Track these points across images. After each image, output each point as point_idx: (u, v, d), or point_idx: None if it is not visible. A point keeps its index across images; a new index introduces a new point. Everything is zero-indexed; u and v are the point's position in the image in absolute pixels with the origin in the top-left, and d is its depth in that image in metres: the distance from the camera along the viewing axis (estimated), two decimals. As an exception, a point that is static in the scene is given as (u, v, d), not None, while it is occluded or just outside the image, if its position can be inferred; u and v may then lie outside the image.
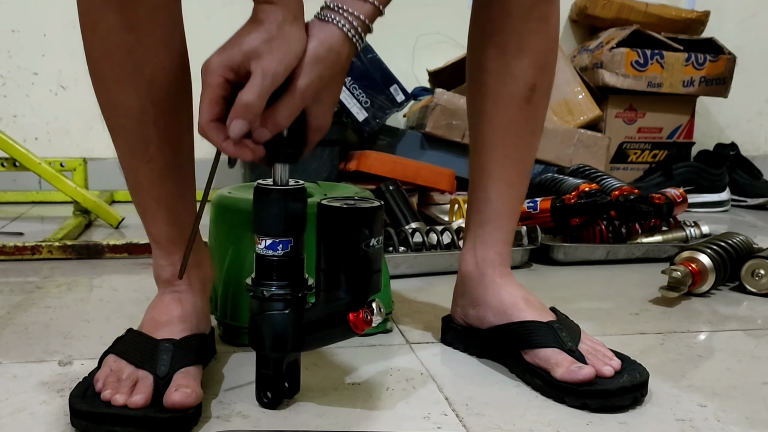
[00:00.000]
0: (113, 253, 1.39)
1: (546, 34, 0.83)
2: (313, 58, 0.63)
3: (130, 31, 0.67)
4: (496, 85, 0.84)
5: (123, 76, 0.69)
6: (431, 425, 0.70)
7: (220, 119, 0.64)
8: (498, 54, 0.83)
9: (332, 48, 0.64)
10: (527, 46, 0.82)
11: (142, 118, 0.71)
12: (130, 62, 0.69)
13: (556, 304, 0.87)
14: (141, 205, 0.77)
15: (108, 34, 0.68)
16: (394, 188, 1.48)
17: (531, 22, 0.81)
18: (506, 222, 0.88)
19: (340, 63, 0.65)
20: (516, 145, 0.86)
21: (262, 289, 0.69)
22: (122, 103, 0.71)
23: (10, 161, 1.71)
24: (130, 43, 0.68)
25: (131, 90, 0.70)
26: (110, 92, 0.71)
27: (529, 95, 0.83)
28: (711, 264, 1.15)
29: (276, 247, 0.69)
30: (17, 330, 0.96)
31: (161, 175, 0.75)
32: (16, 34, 2.15)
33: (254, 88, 0.62)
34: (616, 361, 0.78)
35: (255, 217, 0.70)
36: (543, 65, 0.84)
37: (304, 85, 0.63)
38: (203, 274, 0.82)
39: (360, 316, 0.68)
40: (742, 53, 2.34)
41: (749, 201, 2.22)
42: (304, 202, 0.70)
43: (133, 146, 0.73)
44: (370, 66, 1.98)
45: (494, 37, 0.82)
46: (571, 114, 2.15)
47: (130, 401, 0.67)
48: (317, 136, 0.69)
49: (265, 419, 0.70)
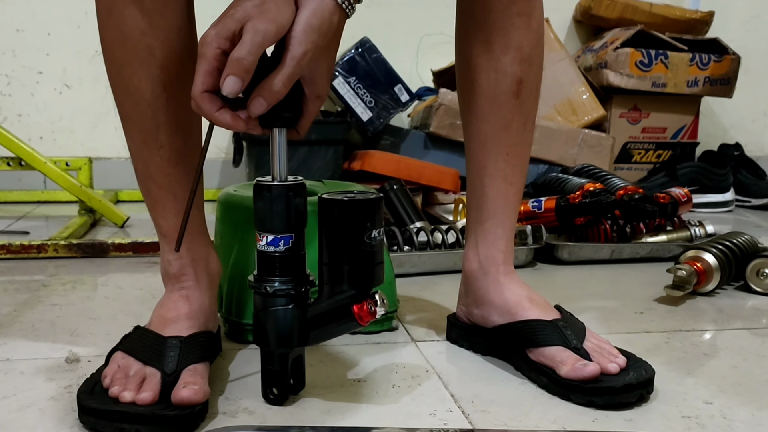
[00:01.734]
0: (118, 252, 1.40)
1: (529, 29, 0.83)
2: (306, 26, 0.64)
3: (144, 14, 0.70)
4: (484, 81, 0.84)
5: (135, 60, 0.72)
6: (437, 421, 0.70)
7: (214, 91, 0.64)
8: (483, 50, 0.84)
9: (324, 16, 0.65)
10: (511, 41, 0.83)
11: (153, 102, 0.73)
12: (142, 45, 0.71)
13: (561, 303, 0.87)
14: (150, 195, 0.78)
15: (122, 19, 0.70)
16: (398, 188, 1.49)
17: (513, 17, 0.82)
18: (506, 218, 0.88)
19: (333, 29, 0.66)
20: (509, 141, 0.86)
21: (265, 285, 0.70)
22: (135, 87, 0.73)
23: (15, 160, 1.71)
24: (143, 26, 0.70)
25: (144, 73, 0.72)
26: (124, 76, 0.73)
27: (517, 90, 0.84)
28: (716, 263, 1.15)
29: (278, 243, 0.69)
30: (24, 327, 0.96)
31: (171, 162, 0.76)
32: (21, 33, 2.15)
33: (245, 44, 0.62)
34: (621, 358, 0.78)
35: (256, 214, 0.70)
36: (529, 60, 0.84)
37: (299, 53, 0.63)
38: (210, 271, 0.82)
39: (364, 308, 0.68)
40: (747, 53, 2.34)
41: (753, 201, 2.22)
42: (305, 198, 0.70)
43: (145, 132, 0.75)
44: (374, 66, 1.98)
45: (478, 34, 0.83)
46: (576, 114, 2.15)
47: (138, 398, 0.67)
48: (316, 106, 0.69)
49: (271, 415, 0.71)
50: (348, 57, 1.98)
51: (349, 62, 1.97)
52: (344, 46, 2.09)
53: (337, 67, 1.97)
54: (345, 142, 1.97)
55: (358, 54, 1.98)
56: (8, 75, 2.17)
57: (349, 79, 1.96)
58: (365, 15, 2.27)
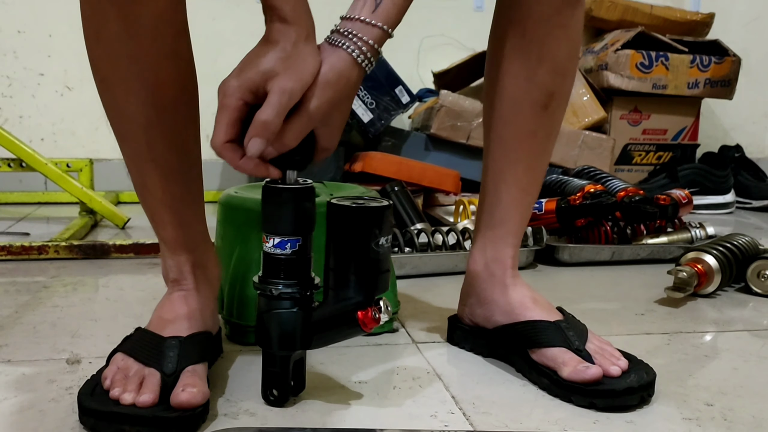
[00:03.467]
0: (120, 253, 1.40)
1: (568, 41, 0.82)
2: (323, 82, 0.64)
3: (132, 39, 0.67)
4: (516, 90, 0.83)
5: (126, 83, 0.69)
6: (438, 423, 0.70)
7: (236, 141, 0.65)
8: (518, 58, 0.82)
9: (342, 73, 0.65)
10: (549, 52, 0.81)
11: (146, 124, 0.71)
12: (133, 70, 0.68)
13: (561, 305, 0.87)
14: (148, 208, 0.78)
15: (110, 42, 0.67)
16: (399, 189, 1.49)
17: (554, 28, 0.80)
18: (517, 226, 0.88)
19: (350, 86, 0.67)
20: (531, 150, 0.85)
21: (270, 287, 0.70)
22: (126, 109, 0.71)
23: (16, 162, 1.72)
24: (133, 50, 0.67)
25: (135, 97, 0.70)
26: (114, 98, 0.71)
27: (547, 102, 0.83)
28: (717, 265, 1.15)
29: (284, 246, 0.69)
30: (25, 329, 0.96)
31: (167, 179, 0.75)
32: (23, 35, 2.16)
33: (272, 106, 0.63)
34: (623, 360, 0.78)
35: (264, 216, 0.70)
36: (563, 72, 0.83)
37: (313, 108, 0.64)
38: (210, 273, 0.82)
39: (369, 314, 0.68)
40: (747, 55, 2.34)
41: (754, 203, 2.22)
42: (314, 202, 0.70)
43: (139, 151, 0.73)
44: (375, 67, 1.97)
45: (515, 41, 0.82)
46: (576, 116, 2.15)
47: (139, 400, 0.67)
48: (323, 156, 0.71)
49: (272, 417, 0.71)
50: (349, 58, 1.98)
51: (350, 64, 1.97)
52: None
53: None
54: (346, 143, 1.97)
55: (358, 56, 1.97)
56: (9, 76, 2.17)
57: (349, 80, 1.95)
58: (366, 17, 2.29)
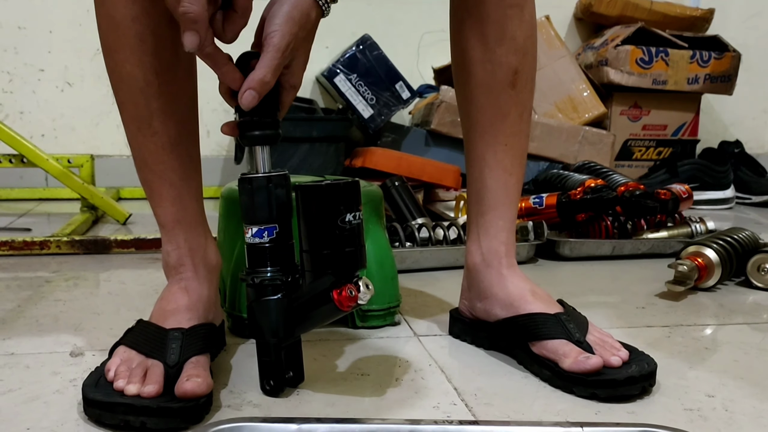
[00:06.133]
0: (121, 248, 1.40)
1: (522, 20, 0.85)
2: (288, 18, 0.68)
3: (135, 1, 0.72)
4: (480, 72, 0.86)
5: (127, 46, 0.74)
6: (441, 414, 0.70)
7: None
8: (478, 42, 0.85)
9: (304, 10, 0.69)
10: (506, 32, 0.84)
11: (146, 89, 0.75)
12: (133, 32, 0.73)
13: (562, 299, 0.87)
14: (146, 184, 0.80)
15: (114, 5, 0.73)
16: (399, 184, 1.49)
17: (506, 8, 0.84)
18: (507, 209, 0.89)
19: (310, 23, 0.71)
20: (506, 131, 0.87)
21: (253, 276, 0.71)
22: (127, 74, 0.75)
23: (17, 157, 1.72)
24: (134, 12, 0.73)
25: (135, 60, 0.74)
26: (116, 62, 0.75)
27: (513, 80, 0.85)
28: (717, 258, 1.15)
29: (262, 235, 0.70)
30: (28, 323, 0.97)
31: (165, 150, 0.78)
32: (23, 30, 2.16)
33: None
34: (623, 351, 0.78)
35: (241, 207, 0.71)
36: (523, 50, 0.86)
37: (283, 44, 0.68)
38: (208, 261, 0.83)
39: (344, 293, 0.67)
40: (747, 51, 2.34)
41: (753, 198, 2.22)
42: (287, 188, 0.71)
43: (138, 119, 0.77)
44: (375, 63, 1.98)
45: (473, 26, 0.85)
46: (576, 111, 2.15)
47: (143, 391, 0.67)
48: (291, 96, 0.73)
49: (275, 408, 0.71)
50: (349, 54, 1.98)
51: (351, 59, 1.97)
52: (345, 43, 2.09)
53: (339, 64, 1.97)
54: (346, 139, 1.98)
55: (359, 51, 1.98)
56: (10, 72, 2.17)
57: (350, 76, 1.96)
58: (366, 12, 2.30)
